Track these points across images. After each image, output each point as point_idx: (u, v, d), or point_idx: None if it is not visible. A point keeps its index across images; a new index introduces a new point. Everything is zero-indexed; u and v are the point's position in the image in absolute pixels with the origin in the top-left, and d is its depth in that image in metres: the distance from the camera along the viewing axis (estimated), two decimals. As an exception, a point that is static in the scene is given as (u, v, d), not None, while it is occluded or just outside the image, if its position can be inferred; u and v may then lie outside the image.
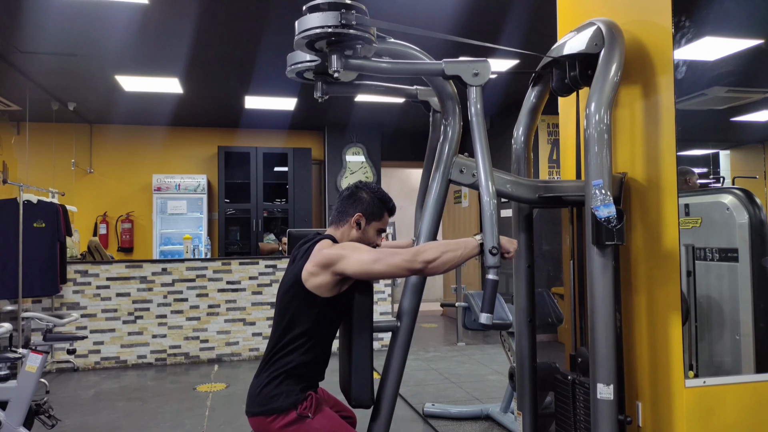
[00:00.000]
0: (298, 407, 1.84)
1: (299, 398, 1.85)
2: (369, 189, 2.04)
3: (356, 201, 2.01)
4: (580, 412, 1.89)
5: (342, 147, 8.50)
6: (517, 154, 2.23)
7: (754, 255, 2.11)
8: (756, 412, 1.75)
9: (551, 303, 2.51)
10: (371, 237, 2.03)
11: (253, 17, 4.40)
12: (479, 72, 1.75)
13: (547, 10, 2.68)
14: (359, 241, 1.99)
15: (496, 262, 1.70)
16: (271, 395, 1.85)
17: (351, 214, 2.00)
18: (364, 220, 2.00)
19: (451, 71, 1.77)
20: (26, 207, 4.94)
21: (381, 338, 5.85)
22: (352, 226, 2.00)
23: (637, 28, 1.89)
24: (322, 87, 1.99)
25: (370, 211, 2.01)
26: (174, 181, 7.93)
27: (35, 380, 3.16)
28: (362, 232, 2.00)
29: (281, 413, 1.84)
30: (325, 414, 1.89)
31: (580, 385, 1.90)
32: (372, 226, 2.02)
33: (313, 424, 1.84)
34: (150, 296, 5.73)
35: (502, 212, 7.44)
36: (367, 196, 2.02)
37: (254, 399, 1.89)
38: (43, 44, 4.87)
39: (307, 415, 1.83)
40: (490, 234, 1.70)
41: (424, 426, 3.85)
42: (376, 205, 2.02)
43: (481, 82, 1.75)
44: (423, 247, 1.76)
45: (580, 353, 1.96)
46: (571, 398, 1.94)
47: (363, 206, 2.00)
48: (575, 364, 1.98)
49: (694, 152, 5.02)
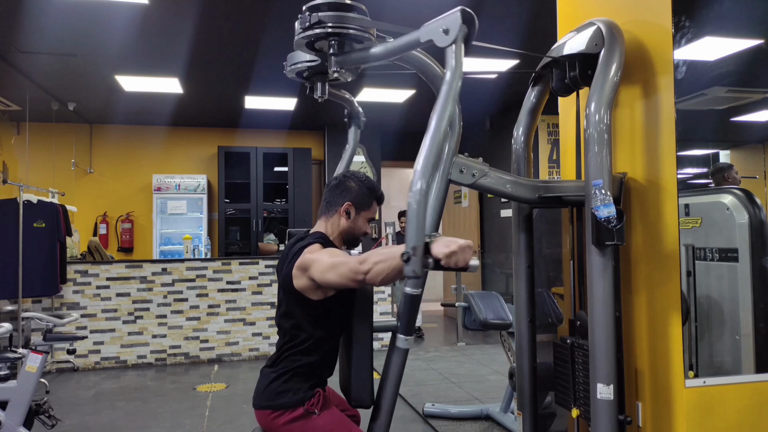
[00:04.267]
0: (306, 404, 1.84)
1: (307, 395, 1.86)
2: (357, 178, 2.02)
3: (345, 190, 1.99)
4: (580, 374, 1.89)
5: (342, 147, 8.48)
6: (517, 154, 2.23)
7: (754, 255, 2.11)
8: (756, 412, 1.75)
9: (551, 303, 2.51)
10: (361, 226, 2.01)
11: (253, 17, 4.40)
12: (448, 27, 1.47)
13: (547, 10, 2.67)
14: (349, 230, 1.98)
15: (413, 271, 1.36)
16: (279, 391, 1.86)
17: (340, 203, 1.98)
18: (353, 209, 1.98)
19: (425, 37, 1.57)
20: (26, 207, 4.94)
21: (381, 338, 5.86)
22: (342, 215, 1.98)
23: (637, 28, 1.89)
24: (322, 87, 1.98)
25: (359, 201, 1.98)
26: (174, 181, 7.93)
27: (35, 380, 3.16)
28: (352, 222, 1.98)
29: (288, 409, 1.84)
30: (331, 411, 1.90)
31: (578, 347, 1.90)
32: (361, 216, 2.00)
33: (318, 421, 1.84)
34: (150, 296, 5.73)
35: (501, 212, 7.45)
36: (355, 186, 1.99)
37: (262, 392, 1.90)
38: (43, 44, 4.87)
39: (314, 411, 1.84)
40: (412, 233, 1.35)
41: (424, 426, 3.85)
42: (365, 194, 2.00)
43: (451, 40, 1.46)
44: (365, 256, 1.65)
45: (579, 317, 1.96)
46: (570, 362, 1.94)
47: (352, 195, 1.98)
48: (574, 328, 1.98)
49: (694, 152, 5.02)
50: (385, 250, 1.65)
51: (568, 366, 1.95)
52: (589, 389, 1.75)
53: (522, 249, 2.18)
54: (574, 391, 1.92)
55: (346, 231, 1.99)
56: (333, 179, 2.04)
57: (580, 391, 1.88)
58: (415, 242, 1.34)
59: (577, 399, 1.90)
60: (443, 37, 1.48)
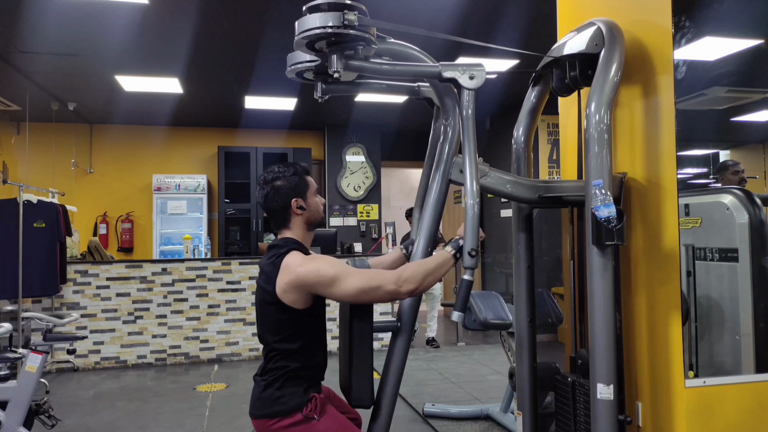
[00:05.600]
0: (303, 409, 1.83)
1: (303, 400, 1.85)
2: (275, 174, 1.97)
3: (279, 194, 1.94)
4: (581, 413, 1.89)
5: (342, 147, 8.49)
6: (517, 154, 2.23)
7: (754, 255, 2.11)
8: (756, 412, 1.75)
9: (551, 303, 2.51)
10: (315, 206, 2.00)
11: (253, 17, 4.40)
12: (475, 76, 1.77)
13: (547, 10, 2.68)
14: (311, 217, 1.98)
15: (474, 263, 1.74)
16: (274, 398, 1.85)
17: (287, 206, 1.94)
18: (300, 199, 1.95)
19: (448, 74, 1.78)
20: (26, 207, 4.94)
21: (381, 338, 5.85)
22: (296, 213, 1.96)
23: (637, 28, 1.89)
24: (321, 87, 1.99)
25: (297, 189, 1.95)
26: (174, 181, 7.93)
27: (35, 380, 3.16)
28: (308, 210, 1.97)
29: (286, 415, 1.83)
30: (330, 415, 1.89)
31: (580, 386, 1.90)
32: (309, 198, 1.98)
33: (319, 426, 1.83)
34: (150, 296, 5.73)
35: (502, 212, 7.45)
36: (282, 182, 1.95)
37: (257, 401, 1.89)
38: (43, 44, 4.87)
39: (313, 417, 1.83)
40: (471, 236, 1.74)
41: (424, 426, 3.85)
42: (295, 179, 1.96)
43: (476, 86, 1.78)
44: (404, 274, 1.77)
45: (580, 355, 1.96)
46: (571, 399, 1.94)
47: (289, 190, 1.95)
48: (575, 366, 1.98)
49: (694, 152, 5.03)
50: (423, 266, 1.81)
51: (569, 403, 1.95)
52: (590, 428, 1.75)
53: (522, 249, 2.18)
54: (575, 429, 1.91)
55: (308, 221, 1.98)
56: (259, 196, 2.00)
57: (582, 430, 1.87)
58: (472, 244, 1.74)
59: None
60: (468, 81, 1.78)
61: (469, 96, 1.78)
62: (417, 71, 1.88)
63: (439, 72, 1.79)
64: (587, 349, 1.81)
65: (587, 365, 1.81)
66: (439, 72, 1.79)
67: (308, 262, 1.82)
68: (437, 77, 1.81)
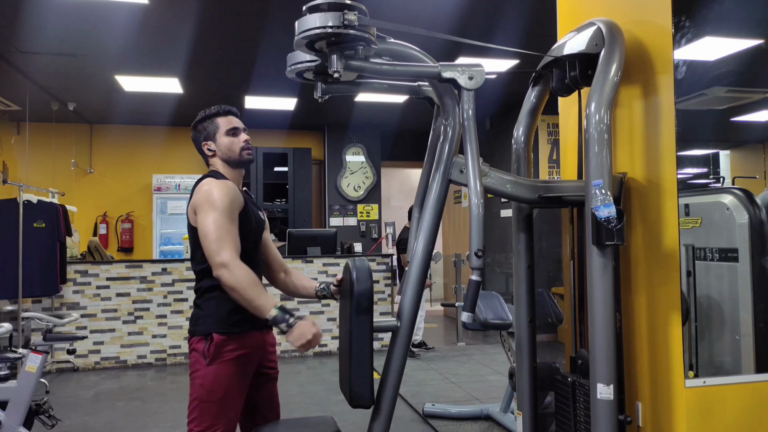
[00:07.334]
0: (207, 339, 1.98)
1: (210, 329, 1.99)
2: (193, 125, 2.16)
3: (195, 141, 2.16)
4: (581, 413, 1.89)
5: (342, 147, 8.50)
6: (517, 154, 2.22)
7: (754, 255, 2.11)
8: (756, 412, 1.75)
9: (551, 303, 2.51)
10: (229, 143, 2.11)
11: (253, 17, 4.40)
12: (474, 76, 1.78)
13: (547, 10, 2.67)
14: (225, 155, 2.11)
15: (480, 264, 1.75)
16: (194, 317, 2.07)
17: (201, 151, 2.15)
18: (209, 142, 2.12)
19: (447, 75, 1.78)
20: (26, 207, 4.94)
21: (381, 338, 5.85)
22: (211, 155, 2.13)
23: (637, 28, 1.89)
24: (321, 87, 1.98)
25: (206, 132, 2.12)
26: (174, 181, 7.93)
27: (35, 380, 3.16)
28: (218, 149, 2.11)
29: (194, 335, 2.03)
30: (221, 369, 1.97)
31: (580, 387, 1.90)
32: (219, 138, 2.11)
33: (208, 369, 1.97)
34: (150, 296, 5.73)
35: (502, 212, 7.45)
36: (194, 131, 2.15)
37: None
38: (43, 44, 4.87)
39: (205, 357, 1.97)
40: (477, 236, 1.74)
41: (424, 426, 3.85)
42: (204, 125, 2.12)
43: (476, 86, 1.78)
44: (236, 270, 1.85)
45: (580, 356, 1.96)
46: (571, 400, 1.94)
47: (199, 135, 2.13)
48: (575, 366, 1.98)
49: (694, 152, 5.02)
50: (250, 290, 1.84)
51: (569, 404, 1.95)
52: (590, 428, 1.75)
53: (522, 249, 2.17)
54: (575, 430, 1.91)
55: (224, 158, 2.12)
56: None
57: (582, 430, 1.87)
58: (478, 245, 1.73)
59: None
60: (468, 82, 1.77)
61: (469, 96, 1.79)
62: (416, 72, 1.88)
63: (439, 72, 1.79)
64: (587, 349, 1.81)
65: (587, 365, 1.81)
66: (439, 72, 1.79)
67: (213, 186, 1.97)
68: (437, 78, 1.81)
